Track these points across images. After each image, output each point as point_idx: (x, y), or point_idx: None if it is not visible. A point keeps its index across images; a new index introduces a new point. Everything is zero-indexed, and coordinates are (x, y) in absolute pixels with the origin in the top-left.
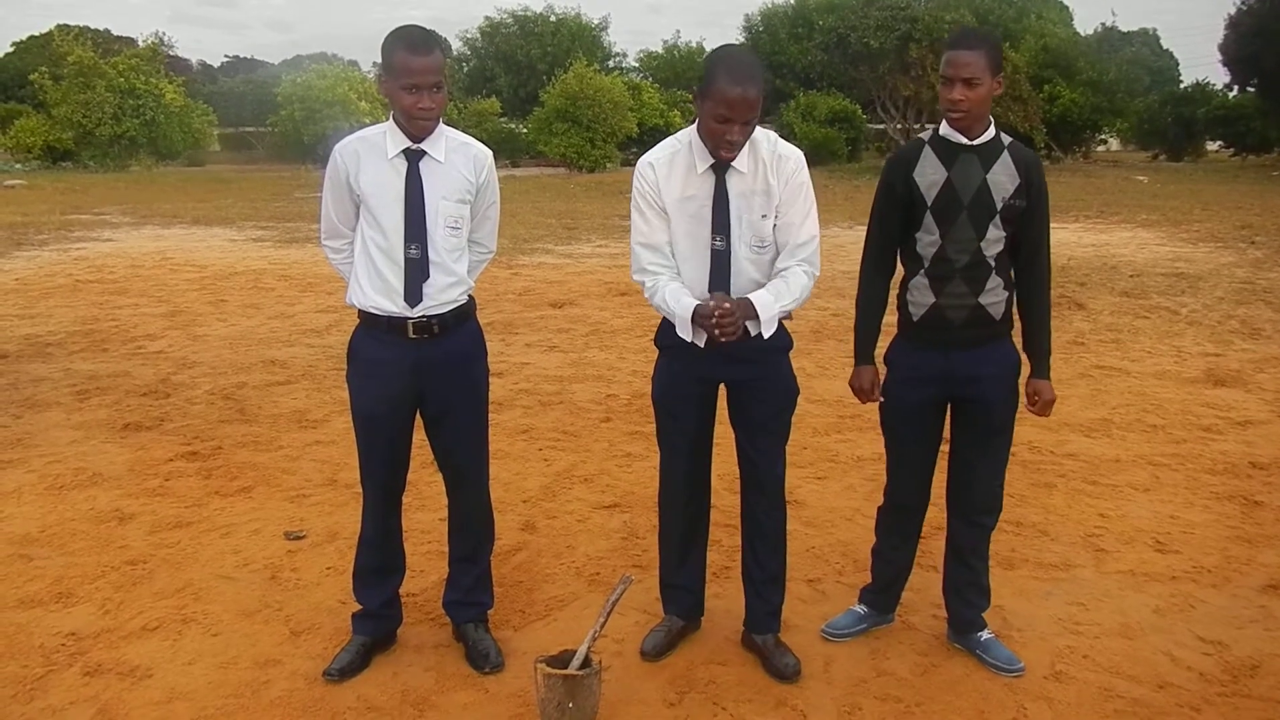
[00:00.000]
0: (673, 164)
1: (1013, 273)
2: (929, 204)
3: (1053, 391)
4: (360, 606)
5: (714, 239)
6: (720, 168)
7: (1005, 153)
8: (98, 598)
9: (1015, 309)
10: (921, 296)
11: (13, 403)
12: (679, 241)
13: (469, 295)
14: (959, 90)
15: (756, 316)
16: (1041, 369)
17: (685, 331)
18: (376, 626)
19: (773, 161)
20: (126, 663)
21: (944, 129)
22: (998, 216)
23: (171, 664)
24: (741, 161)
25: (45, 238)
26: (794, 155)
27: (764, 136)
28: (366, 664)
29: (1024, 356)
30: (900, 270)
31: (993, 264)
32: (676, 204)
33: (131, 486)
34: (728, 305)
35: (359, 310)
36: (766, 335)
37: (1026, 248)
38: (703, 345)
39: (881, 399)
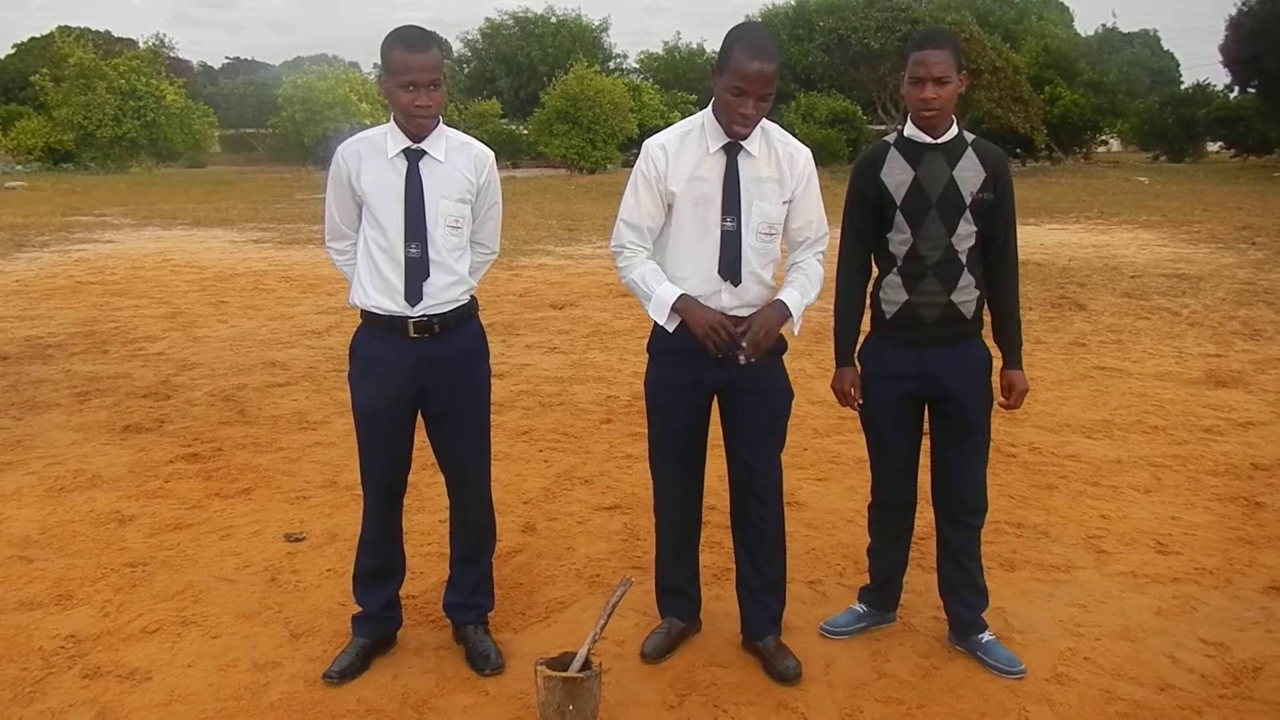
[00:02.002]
0: (683, 144)
1: (983, 270)
2: (899, 203)
3: (1025, 382)
4: (360, 609)
5: (724, 219)
6: (733, 149)
7: (970, 149)
8: (97, 600)
9: (986, 308)
10: (895, 294)
11: (13, 404)
12: (685, 225)
13: (471, 295)
14: (930, 89)
15: (790, 316)
16: (1013, 360)
17: (660, 314)
18: (376, 629)
19: (785, 153)
20: (126, 665)
21: (908, 130)
22: (967, 211)
23: (171, 666)
24: (753, 145)
25: (46, 239)
26: (805, 152)
27: (776, 129)
28: (366, 666)
29: (996, 353)
30: (875, 271)
31: (964, 261)
32: (684, 185)
33: (131, 488)
34: (758, 322)
35: (361, 310)
36: (796, 333)
37: (995, 241)
38: (670, 329)
39: (860, 402)
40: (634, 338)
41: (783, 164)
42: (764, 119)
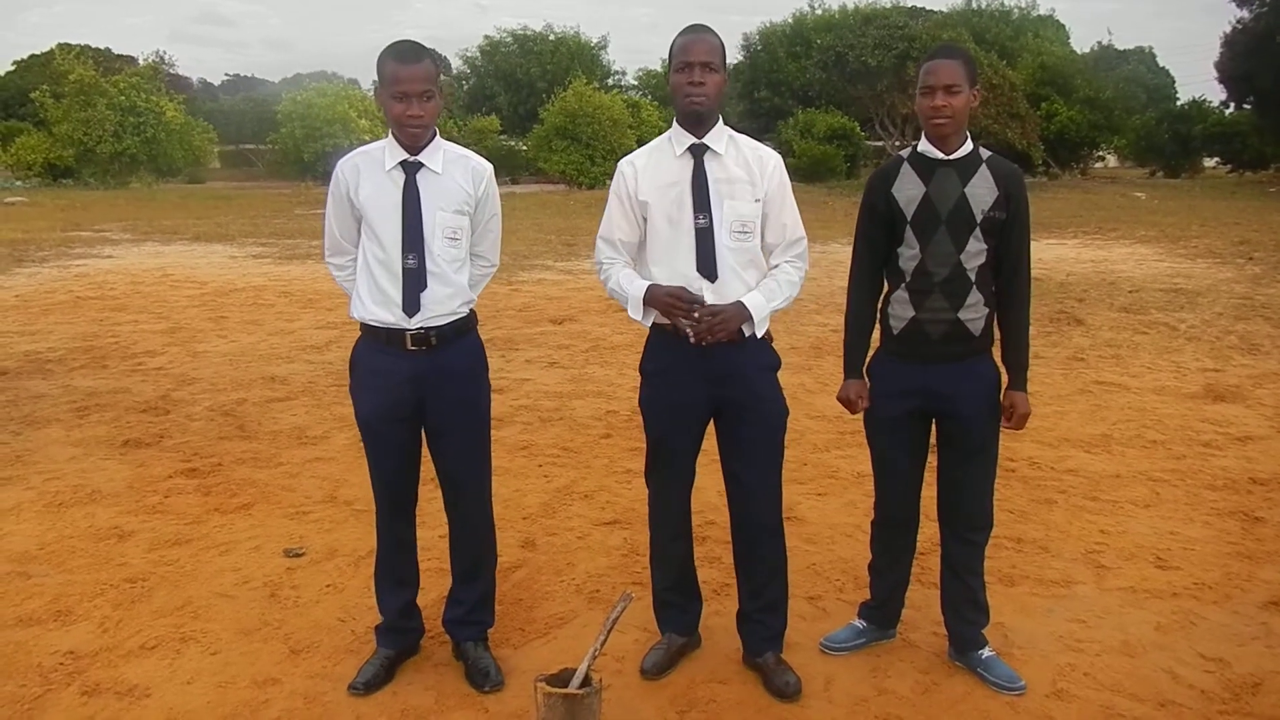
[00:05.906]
0: (651, 155)
1: (994, 288)
2: (908, 219)
3: (1028, 405)
4: (381, 619)
5: (697, 218)
6: (698, 150)
7: (984, 166)
8: (96, 616)
9: (995, 325)
10: (902, 310)
11: (12, 419)
12: (661, 230)
13: (470, 309)
14: (940, 97)
15: (750, 318)
16: (1019, 381)
17: (636, 312)
18: (398, 639)
19: (754, 155)
20: (125, 682)
21: (922, 145)
22: (977, 229)
23: (170, 683)
24: (719, 145)
25: (46, 254)
26: (775, 156)
27: (744, 138)
28: (391, 677)
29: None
30: (886, 285)
31: (973, 278)
32: (658, 192)
33: (131, 503)
34: (714, 308)
35: (360, 323)
36: (760, 334)
37: (1008, 260)
38: (647, 325)
39: (867, 406)
40: (633, 353)
41: (752, 165)
42: (734, 133)
